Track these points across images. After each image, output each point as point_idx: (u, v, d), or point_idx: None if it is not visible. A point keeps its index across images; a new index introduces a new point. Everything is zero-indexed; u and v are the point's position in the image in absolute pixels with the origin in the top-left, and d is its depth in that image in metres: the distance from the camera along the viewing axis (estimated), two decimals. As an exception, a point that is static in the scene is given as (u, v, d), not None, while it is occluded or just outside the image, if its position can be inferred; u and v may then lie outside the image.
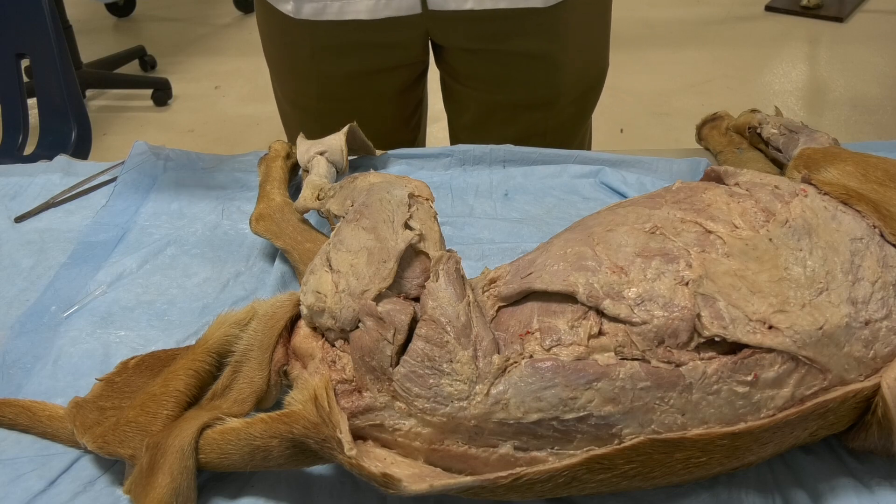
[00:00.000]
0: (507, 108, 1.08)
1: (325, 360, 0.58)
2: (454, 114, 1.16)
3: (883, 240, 0.59)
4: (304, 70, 1.06)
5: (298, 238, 0.78)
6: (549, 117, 1.08)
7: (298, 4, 0.98)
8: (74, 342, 0.72)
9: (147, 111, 2.98)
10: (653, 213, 0.60)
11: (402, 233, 0.59)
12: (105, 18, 3.76)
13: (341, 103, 1.07)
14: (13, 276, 0.81)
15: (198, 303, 0.77)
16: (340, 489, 0.59)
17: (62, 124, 1.57)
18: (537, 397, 0.51)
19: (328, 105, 1.08)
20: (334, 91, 1.07)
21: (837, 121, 2.74)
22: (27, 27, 1.51)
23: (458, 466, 0.54)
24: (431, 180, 0.91)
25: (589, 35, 1.06)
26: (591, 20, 1.05)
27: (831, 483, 0.58)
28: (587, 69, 1.09)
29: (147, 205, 0.91)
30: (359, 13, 0.97)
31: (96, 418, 0.61)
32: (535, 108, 1.07)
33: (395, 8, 0.96)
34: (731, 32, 3.33)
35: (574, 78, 1.06)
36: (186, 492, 0.56)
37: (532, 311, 0.56)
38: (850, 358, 0.54)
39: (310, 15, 0.98)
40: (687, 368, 0.52)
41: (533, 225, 0.85)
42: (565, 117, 1.10)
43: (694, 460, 0.52)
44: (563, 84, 1.06)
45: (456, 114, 1.15)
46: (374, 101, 1.08)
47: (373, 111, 0.95)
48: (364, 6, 0.96)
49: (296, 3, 0.98)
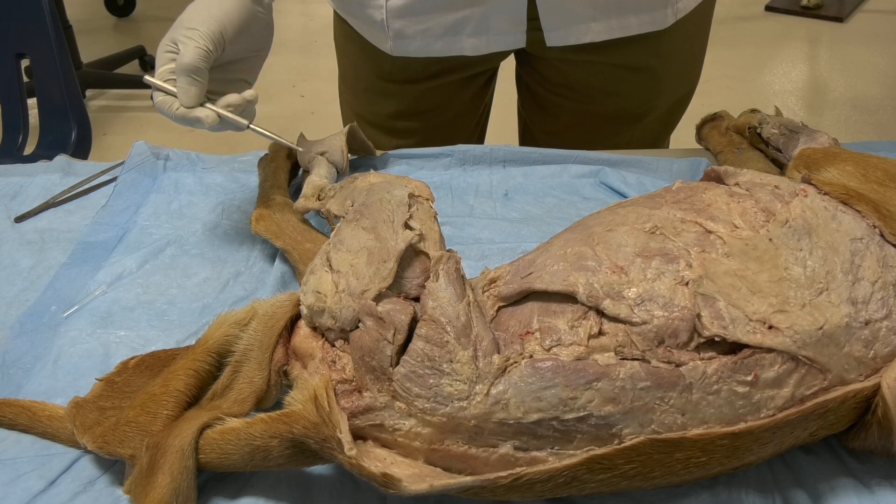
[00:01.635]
0: (596, 119, 1.05)
1: (325, 360, 0.58)
2: (536, 119, 1.13)
3: (883, 240, 0.59)
4: (384, 89, 1.05)
5: (298, 238, 0.78)
6: (637, 129, 1.06)
7: (399, 43, 0.95)
8: (74, 342, 0.72)
9: (147, 111, 2.98)
10: (653, 213, 0.60)
11: (402, 233, 0.59)
12: (105, 18, 3.75)
13: (416, 118, 1.06)
14: (13, 276, 0.81)
15: (198, 303, 0.77)
16: (340, 489, 0.59)
17: (62, 124, 1.58)
18: (537, 397, 0.51)
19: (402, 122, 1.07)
20: (410, 107, 1.06)
21: (837, 121, 2.74)
22: (27, 27, 1.51)
23: (458, 466, 0.54)
24: (431, 180, 0.91)
25: (691, 50, 1.04)
26: (694, 35, 1.03)
27: (831, 483, 0.58)
28: (681, 85, 1.07)
29: (147, 205, 0.91)
30: (463, 50, 0.95)
31: (96, 418, 0.61)
32: (625, 120, 1.05)
33: (499, 44, 0.94)
34: (731, 32, 3.33)
35: (668, 92, 1.04)
36: (186, 492, 0.56)
37: (532, 311, 0.56)
38: (850, 358, 0.54)
39: (411, 53, 0.96)
40: (687, 368, 0.52)
41: (533, 225, 0.85)
42: (651, 130, 1.08)
43: (694, 460, 0.52)
44: (656, 99, 1.04)
45: (538, 119, 1.12)
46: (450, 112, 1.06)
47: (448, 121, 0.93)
48: (470, 44, 0.94)
49: (395, 43, 0.95)
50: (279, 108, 2.76)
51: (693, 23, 0.99)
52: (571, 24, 0.92)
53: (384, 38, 0.96)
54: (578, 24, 0.92)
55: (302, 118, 2.62)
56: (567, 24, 0.92)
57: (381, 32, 0.96)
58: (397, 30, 0.94)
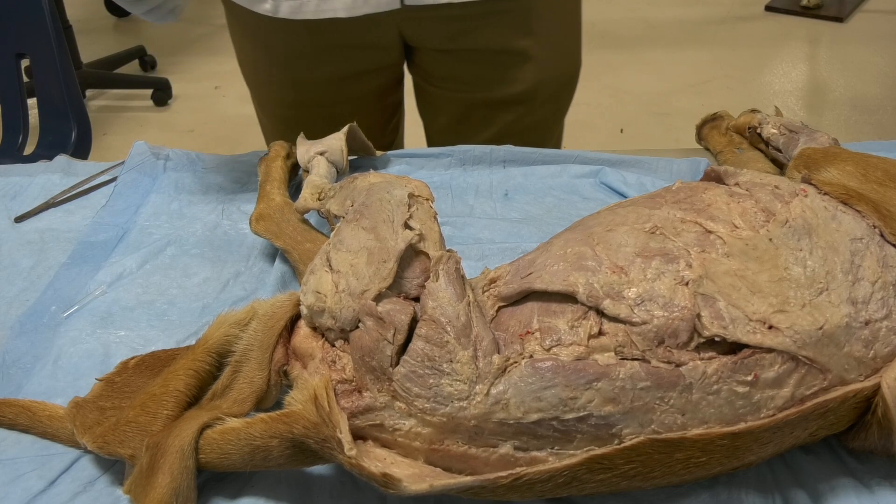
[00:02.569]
0: (481, 108, 1.08)
1: (325, 360, 0.58)
2: (429, 117, 1.16)
3: (883, 240, 0.59)
4: (280, 77, 1.06)
5: (298, 238, 0.78)
6: (524, 116, 1.09)
7: (276, 3, 0.97)
8: (74, 342, 0.72)
9: (147, 111, 2.99)
10: (653, 213, 0.60)
11: (402, 233, 0.59)
12: (105, 18, 3.76)
13: (318, 110, 1.07)
14: (13, 276, 0.81)
15: (198, 303, 0.77)
16: (340, 489, 0.59)
17: (62, 124, 1.58)
18: (537, 397, 0.51)
19: (305, 112, 1.08)
20: (310, 97, 1.07)
21: (837, 121, 2.74)
22: (27, 27, 1.51)
23: (458, 466, 0.54)
24: (431, 180, 0.91)
25: (560, 30, 1.07)
26: (563, 15, 1.07)
27: (831, 483, 0.58)
28: (560, 65, 1.09)
29: (147, 205, 0.91)
30: (336, 11, 0.96)
31: (96, 418, 0.61)
32: (510, 105, 1.08)
33: (373, 4, 0.96)
34: (731, 32, 3.33)
35: (548, 74, 1.07)
36: (186, 492, 0.56)
37: (532, 311, 0.56)
38: (850, 358, 0.54)
39: (287, 14, 0.97)
40: (687, 368, 0.52)
41: (533, 225, 0.85)
42: (540, 116, 1.10)
43: (694, 460, 0.52)
44: (536, 80, 1.06)
45: (431, 117, 1.15)
46: (351, 107, 1.07)
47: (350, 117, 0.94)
48: (342, 3, 0.95)
49: (274, 2, 0.97)
50: (279, 108, 2.76)
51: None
52: None
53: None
54: None
55: (302, 118, 2.62)
56: None
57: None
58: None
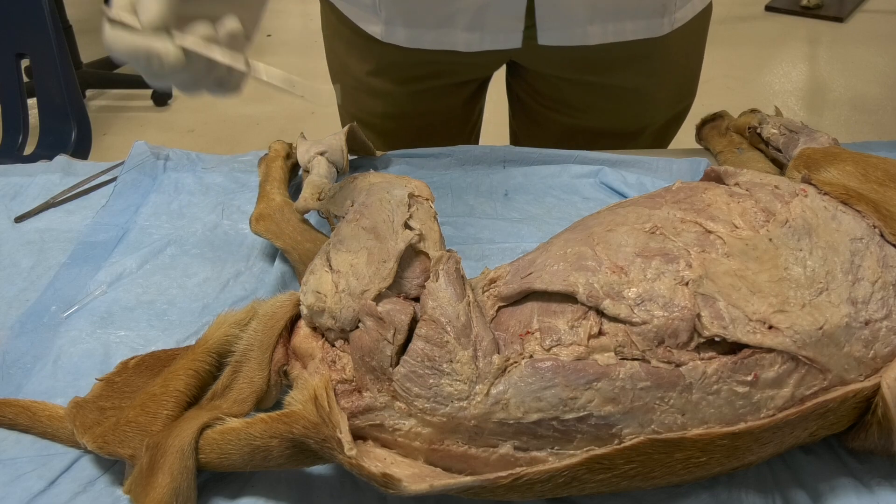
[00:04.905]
0: (588, 134, 1.03)
1: (325, 360, 0.58)
2: (526, 131, 1.10)
3: (883, 240, 0.59)
4: (373, 87, 1.02)
5: (298, 238, 0.78)
6: (626, 145, 1.04)
7: (390, 29, 0.91)
8: (74, 342, 0.72)
9: (147, 111, 2.99)
10: (653, 213, 0.60)
11: (402, 233, 0.59)
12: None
13: (407, 120, 1.04)
14: (13, 276, 0.81)
15: (198, 303, 0.77)
16: (340, 489, 0.59)
17: (62, 124, 1.58)
18: (537, 397, 0.51)
19: (393, 123, 1.05)
20: (400, 108, 1.03)
21: (837, 121, 2.74)
22: (27, 27, 1.51)
23: (458, 466, 0.54)
24: (431, 180, 0.90)
25: (685, 69, 1.03)
26: (689, 52, 1.01)
27: (831, 483, 0.58)
28: (677, 102, 1.05)
29: (147, 205, 0.91)
30: (455, 45, 0.91)
31: (96, 418, 0.61)
32: (617, 137, 1.04)
33: (494, 42, 0.91)
34: (731, 32, 3.33)
35: (662, 112, 1.03)
36: (186, 492, 0.56)
37: (532, 311, 0.56)
38: (850, 358, 0.54)
39: (403, 42, 0.93)
40: (687, 368, 0.52)
41: (533, 225, 0.85)
42: (645, 145, 1.06)
43: (694, 460, 0.52)
44: (650, 116, 1.03)
45: (528, 131, 1.10)
46: (441, 116, 1.04)
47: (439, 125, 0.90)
48: (462, 39, 0.90)
49: (386, 27, 0.91)
50: (279, 108, 2.76)
51: (688, 40, 0.98)
52: (567, 25, 0.90)
53: (375, 21, 0.93)
54: (574, 26, 0.90)
55: (302, 118, 2.61)
56: (563, 25, 0.90)
57: (373, 14, 0.93)
58: (389, 12, 0.91)
